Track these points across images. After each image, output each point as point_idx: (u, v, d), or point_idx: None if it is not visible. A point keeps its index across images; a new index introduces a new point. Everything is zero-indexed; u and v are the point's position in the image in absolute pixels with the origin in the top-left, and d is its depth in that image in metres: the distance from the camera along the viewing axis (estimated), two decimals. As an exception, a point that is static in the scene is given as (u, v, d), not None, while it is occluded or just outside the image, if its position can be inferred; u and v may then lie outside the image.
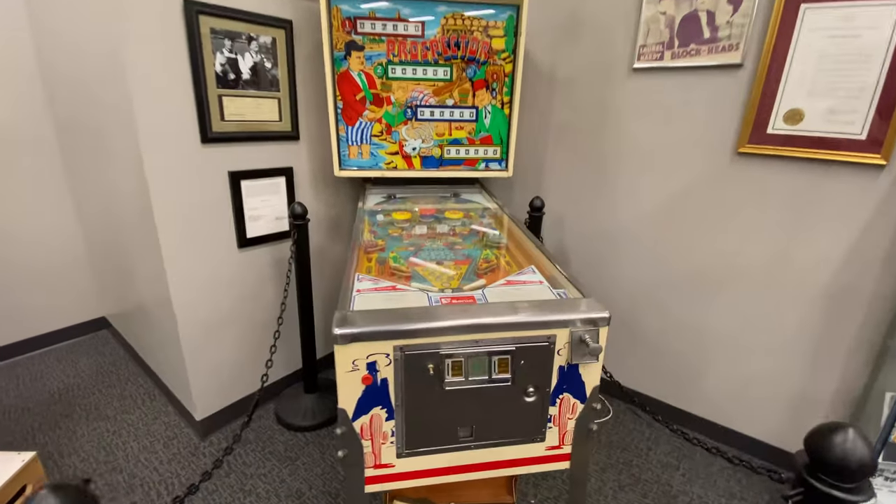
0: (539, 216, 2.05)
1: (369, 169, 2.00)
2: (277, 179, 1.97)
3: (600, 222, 2.16)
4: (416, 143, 1.99)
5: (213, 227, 1.80)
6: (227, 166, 1.79)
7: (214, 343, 1.92)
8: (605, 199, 2.12)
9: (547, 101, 2.18)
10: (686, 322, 1.99)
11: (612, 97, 1.98)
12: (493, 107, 1.98)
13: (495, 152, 2.06)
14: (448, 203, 2.02)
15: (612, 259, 2.16)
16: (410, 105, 1.93)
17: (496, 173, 2.08)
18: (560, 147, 2.21)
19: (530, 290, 1.12)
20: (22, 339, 2.58)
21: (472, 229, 1.72)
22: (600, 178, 2.12)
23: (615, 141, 2.03)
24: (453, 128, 1.99)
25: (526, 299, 1.06)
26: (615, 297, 2.18)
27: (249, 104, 1.79)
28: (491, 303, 1.04)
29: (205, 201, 1.75)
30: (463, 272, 1.31)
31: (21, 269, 2.49)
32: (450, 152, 2.03)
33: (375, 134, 1.95)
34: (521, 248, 1.50)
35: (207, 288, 1.83)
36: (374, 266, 1.35)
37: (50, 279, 2.60)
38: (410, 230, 1.65)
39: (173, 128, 1.60)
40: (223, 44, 1.65)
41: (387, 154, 1.99)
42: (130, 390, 2.31)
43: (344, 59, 1.83)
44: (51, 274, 2.59)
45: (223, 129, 1.73)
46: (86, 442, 1.97)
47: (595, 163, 2.12)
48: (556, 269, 1.24)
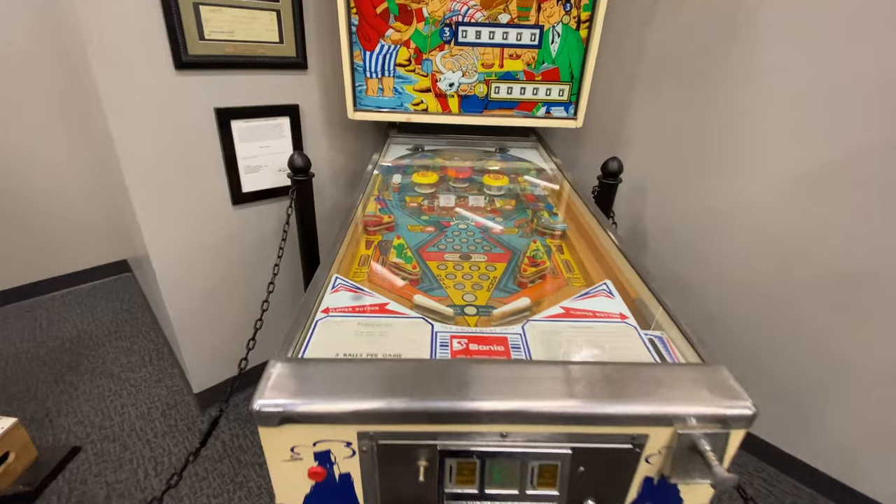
0: (613, 185, 1.53)
1: (392, 111, 1.54)
2: (280, 120, 1.57)
3: (704, 198, 1.60)
4: (454, 76, 1.49)
5: (197, 179, 1.46)
6: (212, 101, 1.40)
7: (209, 312, 1.65)
8: (715, 166, 1.54)
9: (642, 23, 1.57)
10: (827, 348, 1.44)
11: (748, 11, 1.35)
12: (565, 27, 1.42)
13: (562, 93, 1.52)
14: (490, 162, 1.54)
15: (713, 249, 1.62)
16: (449, 22, 1.41)
17: (561, 122, 1.56)
18: (652, 91, 1.62)
19: (605, 334, 0.68)
20: (45, 278, 2.50)
21: (522, 201, 1.26)
22: (710, 137, 1.53)
23: (742, 83, 1.41)
24: (506, 56, 1.46)
25: (598, 358, 0.63)
26: (716, 304, 1.66)
27: (239, 18, 1.36)
28: (537, 362, 0.62)
29: (184, 146, 1.39)
30: (497, 276, 0.88)
31: (42, 208, 2.35)
32: (499, 91, 1.52)
33: (401, 62, 1.47)
34: (588, 241, 1.03)
35: (195, 249, 1.53)
36: (373, 255, 0.95)
37: (73, 218, 2.45)
38: (433, 201, 1.22)
39: (133, 47, 1.22)
40: (195, -74, 1.20)
41: (415, 91, 1.51)
42: (140, 344, 2.17)
43: (361, -46, 1.32)
44: (74, 213, 2.44)
45: (204, 51, 1.33)
46: (85, 401, 1.84)
47: (704, 115, 1.52)
48: (648, 288, 0.78)
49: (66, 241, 2.48)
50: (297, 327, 0.64)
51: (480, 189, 1.33)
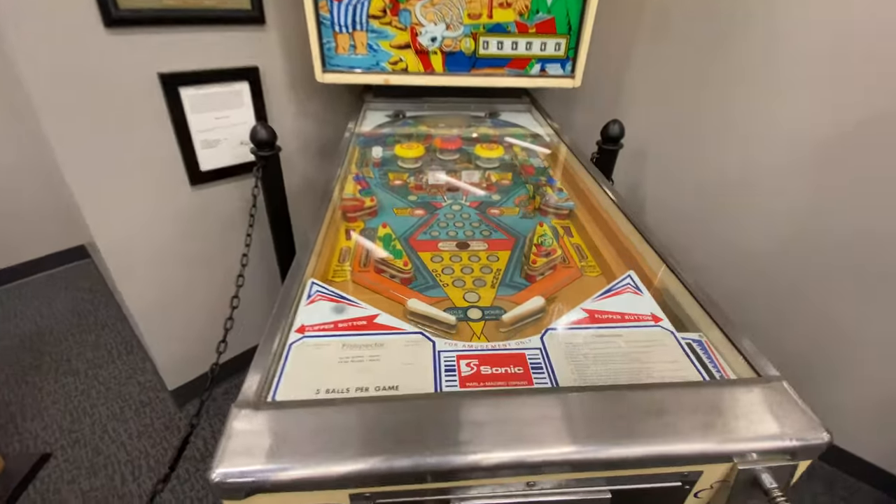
0: (614, 150, 1.40)
1: (366, 71, 1.35)
2: (237, 85, 1.36)
3: (709, 164, 1.49)
4: (436, 29, 1.31)
5: (145, 158, 1.27)
6: (154, 65, 1.19)
7: (174, 305, 1.51)
8: (722, 129, 1.42)
9: (645, -38, 1.39)
10: (839, 321, 1.39)
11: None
12: (561, -32, 1.24)
13: (558, 47, 1.36)
14: (481, 128, 1.39)
15: (718, 219, 1.53)
16: (429, -35, 1.21)
17: (557, 81, 1.40)
18: (656, 45, 1.47)
19: (639, 343, 0.57)
20: (-7, 269, 2.28)
21: (520, 174, 1.12)
22: (718, 97, 1.40)
23: (755, 36, 1.27)
24: (496, 4, 1.28)
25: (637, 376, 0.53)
26: (722, 277, 1.59)
27: (176, -40, 1.13)
28: (566, 390, 0.51)
29: (125, 119, 1.19)
30: (502, 269, 0.77)
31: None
32: (488, 46, 1.34)
33: (375, 13, 1.28)
34: (599, 220, 0.92)
35: (151, 237, 1.36)
36: (353, 250, 0.81)
37: (19, 202, 2.20)
38: (420, 178, 1.08)
39: (49, 2, 1.00)
40: None
41: (392, 48, 1.33)
42: (107, 338, 2.02)
43: None
44: (20, 195, 2.19)
45: (138, 3, 1.11)
46: (51, 404, 1.70)
47: (712, 72, 1.38)
48: (674, 272, 0.68)
49: (14, 227, 2.24)
50: (264, 356, 0.52)
51: (472, 160, 1.19)
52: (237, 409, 0.45)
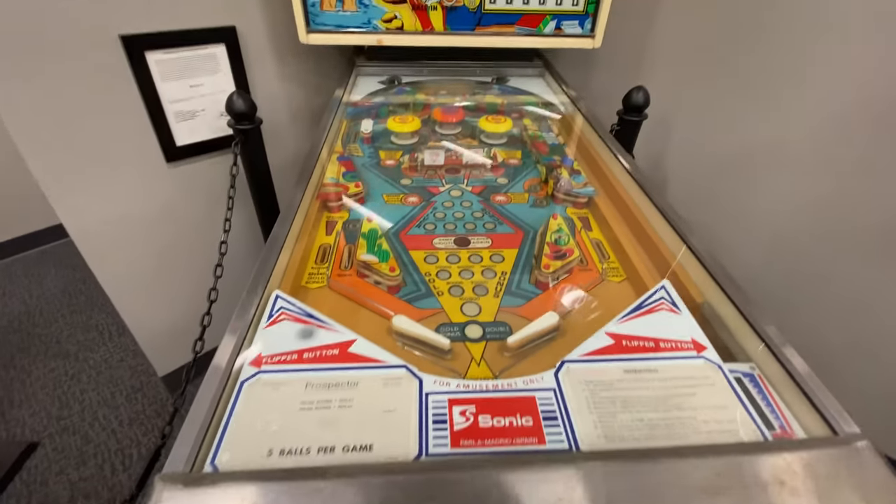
0: (637, 122, 1.24)
1: (356, 31, 1.19)
2: (212, 48, 1.21)
3: (738, 136, 1.32)
4: (437, -19, 1.13)
5: (112, 134, 1.13)
6: (115, 26, 1.04)
7: (156, 290, 1.41)
8: (752, 97, 1.25)
9: None
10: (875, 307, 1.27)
11: None
12: None
13: (576, 2, 1.18)
14: (487, 96, 1.23)
15: (747, 195, 1.38)
16: None
17: (575, 41, 1.23)
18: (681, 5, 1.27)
19: (680, 381, 0.46)
20: (-20, 245, 2.20)
21: (531, 152, 0.98)
22: (750, 59, 1.22)
23: None
24: (505, -50, 1.10)
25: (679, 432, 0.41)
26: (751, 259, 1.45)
27: None
28: (590, 456, 0.40)
29: (85, 88, 1.06)
30: (507, 272, 0.65)
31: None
32: (495, 0, 1.17)
33: (365, -37, 1.10)
34: (624, 210, 0.78)
35: (126, 219, 1.25)
36: (334, 247, 0.69)
37: (6, 175, 2.09)
38: (415, 158, 0.94)
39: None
40: None
41: (386, 3, 1.16)
42: (98, 318, 1.95)
43: None
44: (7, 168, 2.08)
45: (84, -52, 0.95)
46: (39, 388, 1.65)
47: (749, 33, 1.20)
48: (717, 283, 0.56)
49: (2, 202, 2.14)
50: (206, 399, 0.41)
51: (475, 135, 1.05)
52: (162, 484, 0.34)
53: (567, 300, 0.59)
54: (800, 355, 0.48)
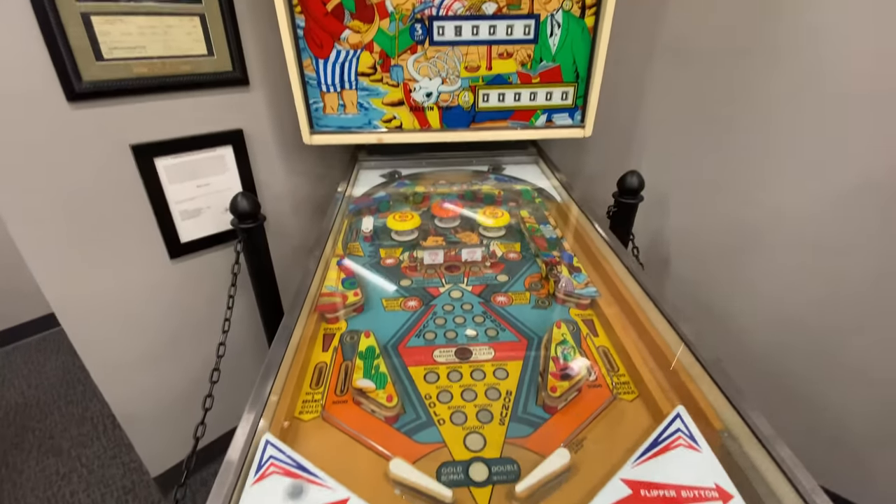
0: (633, 204, 1.25)
1: (358, 131, 1.24)
2: (220, 150, 1.26)
3: (735, 210, 1.33)
4: (431, 84, 1.20)
5: (118, 235, 1.15)
6: (126, 137, 1.09)
7: (154, 388, 1.37)
8: (748, 172, 1.27)
9: (656, 4, 1.28)
10: (887, 381, 1.21)
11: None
12: (566, 15, 1.12)
13: (565, 96, 1.24)
14: (484, 186, 1.26)
15: (747, 270, 1.36)
16: (420, 17, 1.11)
17: (566, 132, 1.27)
18: (670, 82, 1.34)
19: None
20: (-14, 333, 2.18)
21: (529, 245, 0.98)
22: (742, 137, 1.25)
23: (781, 72, 1.13)
24: (495, 55, 1.17)
25: None
26: (755, 331, 1.41)
27: (149, 28, 1.04)
28: None
29: (93, 196, 1.08)
30: (513, 391, 0.61)
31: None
32: (488, 98, 1.22)
33: (364, 71, 1.17)
34: (628, 310, 0.76)
35: (127, 316, 1.24)
36: (330, 366, 0.67)
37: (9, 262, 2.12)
38: (415, 258, 0.94)
39: (3, 89, 0.91)
40: None
41: (385, 105, 1.22)
42: (94, 409, 1.88)
43: (299, -66, 1.01)
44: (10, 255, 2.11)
45: (105, 74, 1.01)
46: (30, 490, 1.56)
47: (734, 111, 1.24)
48: (735, 407, 0.51)
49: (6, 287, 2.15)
50: None
51: (474, 227, 1.05)
52: None
53: (578, 429, 0.55)
54: (826, 444, 0.43)
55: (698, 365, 0.59)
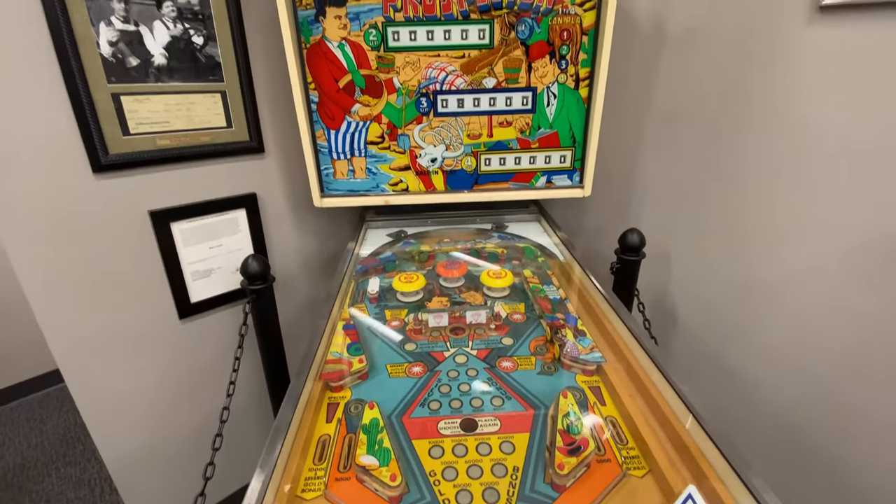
0: (635, 261, 1.26)
1: (366, 194, 1.29)
2: (234, 213, 1.30)
3: (739, 267, 1.33)
4: (436, 151, 1.25)
5: (130, 297, 1.17)
6: (144, 204, 1.14)
7: (156, 452, 1.33)
8: (751, 228, 1.28)
9: (647, 73, 1.35)
10: None
11: (774, 58, 1.13)
12: (561, 87, 1.19)
13: (563, 159, 1.29)
14: (487, 245, 1.28)
15: (756, 326, 1.34)
16: (426, 91, 1.18)
17: (566, 192, 1.31)
18: (665, 143, 1.39)
19: None
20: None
21: (534, 307, 0.98)
22: (740, 194, 1.28)
23: (773, 134, 1.18)
24: (496, 124, 1.23)
25: None
26: (768, 392, 1.37)
27: (174, 105, 1.12)
28: None
29: (109, 260, 1.11)
30: (520, 467, 0.59)
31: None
32: (490, 163, 1.27)
33: (373, 140, 1.23)
34: (634, 376, 0.75)
35: (133, 377, 1.23)
36: (333, 440, 0.65)
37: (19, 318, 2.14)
38: (420, 320, 0.94)
39: (33, 151, 0.97)
40: (110, 8, 0.98)
41: (392, 170, 1.27)
42: (91, 471, 1.82)
43: (315, 22, 1.11)
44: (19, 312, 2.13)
45: (129, 147, 1.08)
46: (15, 563, 1.48)
47: (730, 169, 1.28)
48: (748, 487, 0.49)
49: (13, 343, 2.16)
50: None
51: (478, 287, 1.06)
52: None
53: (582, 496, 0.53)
54: None
55: (709, 440, 0.57)
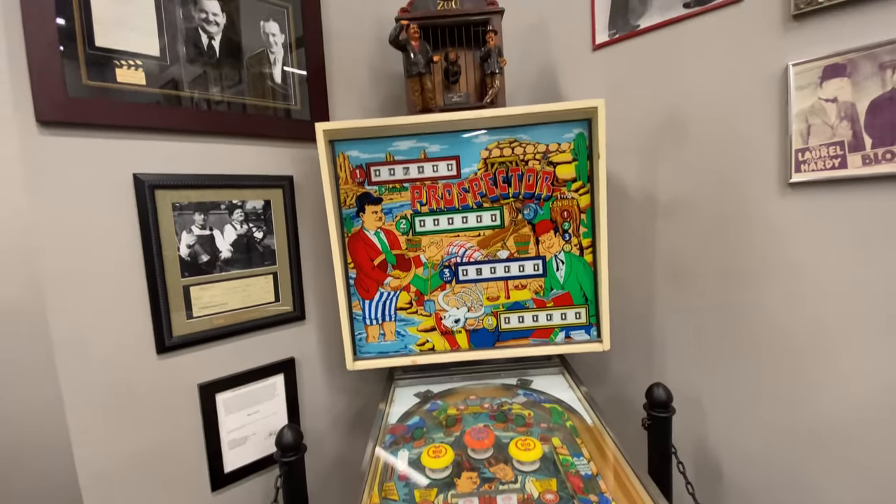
0: (666, 418, 1.21)
1: (395, 355, 1.34)
2: (272, 379, 1.36)
3: (787, 412, 1.26)
4: (459, 312, 1.34)
5: (165, 465, 1.18)
6: (195, 378, 1.22)
7: None
8: (791, 375, 1.25)
9: (645, 237, 1.48)
10: None
11: (757, 226, 1.23)
12: (568, 255, 1.31)
13: (579, 315, 1.34)
14: (514, 403, 1.27)
15: (812, 478, 1.21)
16: (448, 264, 1.32)
17: (586, 346, 1.33)
18: (678, 297, 1.44)
19: None
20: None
21: (566, 486, 0.93)
22: (763, 337, 1.28)
23: (780, 292, 1.22)
24: (512, 287, 1.33)
25: None
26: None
27: (232, 289, 1.27)
28: None
29: (153, 429, 1.16)
30: None
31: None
32: (509, 321, 1.34)
33: (402, 306, 1.34)
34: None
35: (157, 567, 1.16)
36: None
37: None
38: (449, 500, 0.91)
39: (109, 333, 1.09)
40: (191, 220, 1.19)
41: (419, 332, 1.34)
42: None
43: (356, 217, 1.30)
44: None
45: (191, 329, 1.20)
46: None
47: (751, 320, 1.30)
48: None
49: None
50: None
51: (507, 459, 1.03)
52: None
53: None
54: None
55: None
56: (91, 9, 1.02)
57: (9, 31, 0.93)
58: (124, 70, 1.07)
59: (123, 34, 1.06)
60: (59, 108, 0.98)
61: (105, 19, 1.04)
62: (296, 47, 1.36)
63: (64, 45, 0.98)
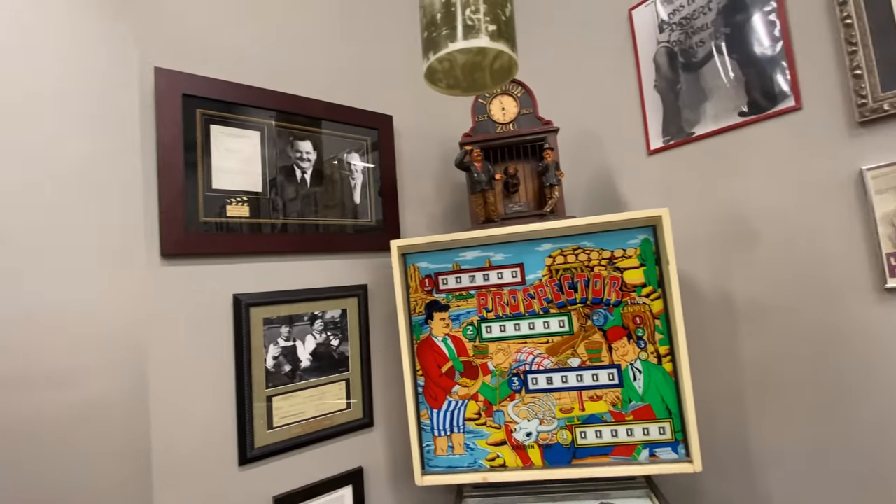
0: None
1: (465, 470, 1.27)
2: (340, 492, 1.32)
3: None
4: (530, 425, 1.26)
5: None
6: (271, 490, 1.21)
7: None
8: None
9: (728, 344, 1.37)
10: None
11: (857, 334, 1.11)
12: (645, 363, 1.23)
13: (663, 431, 1.22)
14: (600, 538, 1.13)
15: None
16: (517, 372, 1.28)
17: (674, 467, 1.19)
18: (774, 415, 1.28)
19: None
20: None
21: None
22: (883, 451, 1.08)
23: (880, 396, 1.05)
24: (586, 398, 1.25)
25: None
26: None
27: (309, 397, 1.30)
28: None
29: (231, 556, 1.13)
30: None
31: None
32: (586, 436, 1.24)
33: (470, 417, 1.29)
34: None
35: None
36: None
37: None
38: None
39: (196, 453, 1.13)
40: (279, 332, 1.27)
41: (489, 445, 1.27)
42: None
43: (424, 324, 1.33)
44: None
45: (270, 439, 1.22)
46: None
47: (853, 430, 1.12)
48: None
49: None
50: None
51: None
52: None
53: None
54: None
55: None
56: (212, 158, 1.21)
57: (146, 182, 1.12)
58: (233, 206, 1.24)
59: (233, 177, 1.24)
60: (179, 244, 1.14)
61: (222, 167, 1.22)
62: (373, 172, 1.51)
63: (188, 189, 1.16)
